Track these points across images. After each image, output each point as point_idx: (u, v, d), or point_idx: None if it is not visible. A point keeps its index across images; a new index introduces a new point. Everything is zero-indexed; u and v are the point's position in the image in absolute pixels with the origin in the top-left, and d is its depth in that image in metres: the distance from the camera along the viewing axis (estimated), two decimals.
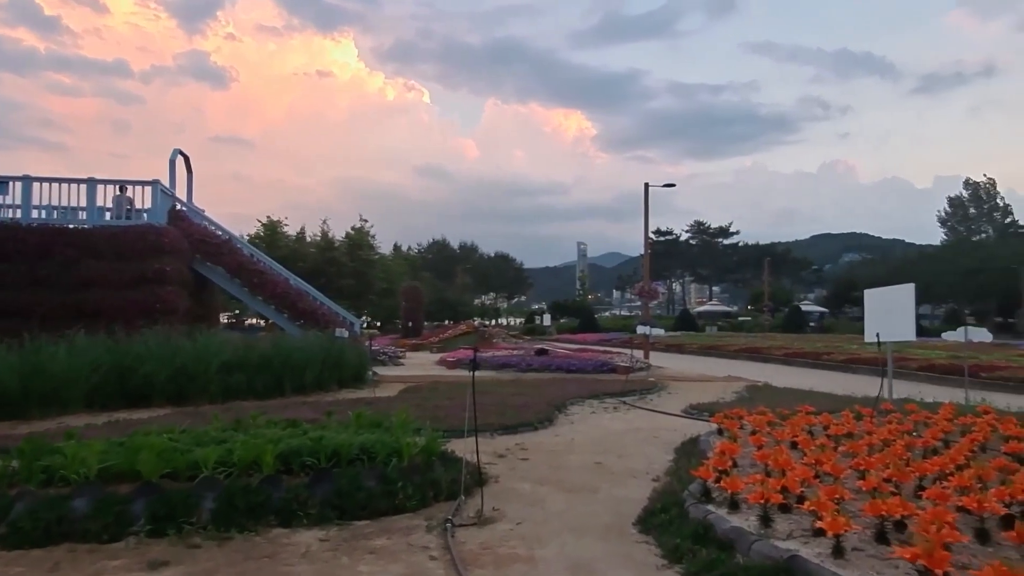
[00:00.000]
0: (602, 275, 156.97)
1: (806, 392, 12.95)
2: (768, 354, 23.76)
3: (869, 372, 18.27)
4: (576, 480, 5.68)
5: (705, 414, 9.50)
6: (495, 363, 18.48)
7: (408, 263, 72.86)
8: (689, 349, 28.92)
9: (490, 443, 7.31)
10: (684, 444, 6.95)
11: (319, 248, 54.19)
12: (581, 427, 8.56)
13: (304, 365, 11.49)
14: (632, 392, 12.22)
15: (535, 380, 14.42)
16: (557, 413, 9.50)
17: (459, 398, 10.84)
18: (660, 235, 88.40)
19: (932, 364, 16.71)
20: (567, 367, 17.55)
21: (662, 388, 13.73)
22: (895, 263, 77.62)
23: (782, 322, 52.80)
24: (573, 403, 10.81)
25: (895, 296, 11.36)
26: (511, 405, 9.67)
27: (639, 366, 18.54)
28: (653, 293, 20.87)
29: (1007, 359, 18.82)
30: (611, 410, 10.25)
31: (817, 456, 4.75)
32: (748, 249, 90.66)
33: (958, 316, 60.83)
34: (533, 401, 10.16)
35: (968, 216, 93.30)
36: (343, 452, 4.94)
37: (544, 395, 11.15)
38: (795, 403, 10.92)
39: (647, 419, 9.40)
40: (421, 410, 9.15)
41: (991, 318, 61.86)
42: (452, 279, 70.78)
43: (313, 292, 14.87)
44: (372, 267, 54.91)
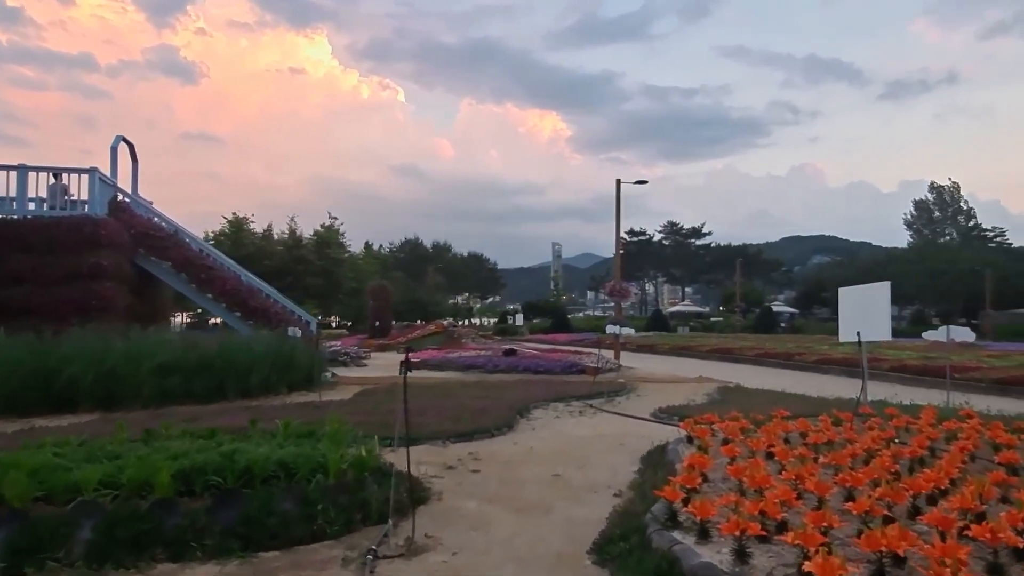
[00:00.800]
0: (576, 276, 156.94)
1: (779, 394, 12.54)
2: (740, 355, 23.44)
3: (841, 373, 18.00)
4: (529, 497, 5.06)
5: (675, 418, 8.96)
6: (461, 364, 17.84)
7: (379, 262, 71.77)
8: (661, 350, 28.53)
9: (441, 453, 6.67)
10: (651, 453, 6.38)
11: (286, 246, 52.97)
12: (543, 433, 7.96)
13: (249, 367, 10.73)
14: (600, 394, 11.67)
15: (500, 382, 13.81)
16: (519, 418, 8.89)
17: (419, 402, 10.18)
18: (633, 235, 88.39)
19: (904, 365, 16.46)
20: (534, 368, 16.97)
21: (631, 390, 13.20)
22: (863, 265, 78.45)
23: (753, 323, 52.89)
24: (537, 406, 10.21)
25: (870, 295, 10.97)
26: (470, 409, 9.03)
27: (608, 367, 18.03)
28: (624, 292, 20.39)
29: (977, 359, 18.68)
30: (576, 414, 9.67)
31: (798, 470, 4.20)
32: (720, 250, 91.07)
33: (924, 317, 61.71)
34: (494, 405, 9.54)
35: (933, 219, 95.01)
36: (257, 469, 4.26)
37: (507, 398, 10.54)
38: (768, 405, 10.49)
39: (614, 424, 8.83)
40: (371, 416, 8.49)
41: (955, 319, 62.84)
42: (424, 278, 69.83)
43: (267, 289, 14.06)
44: (341, 266, 53.84)
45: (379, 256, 76.41)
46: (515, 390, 11.93)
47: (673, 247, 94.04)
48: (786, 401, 10.90)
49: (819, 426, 6.38)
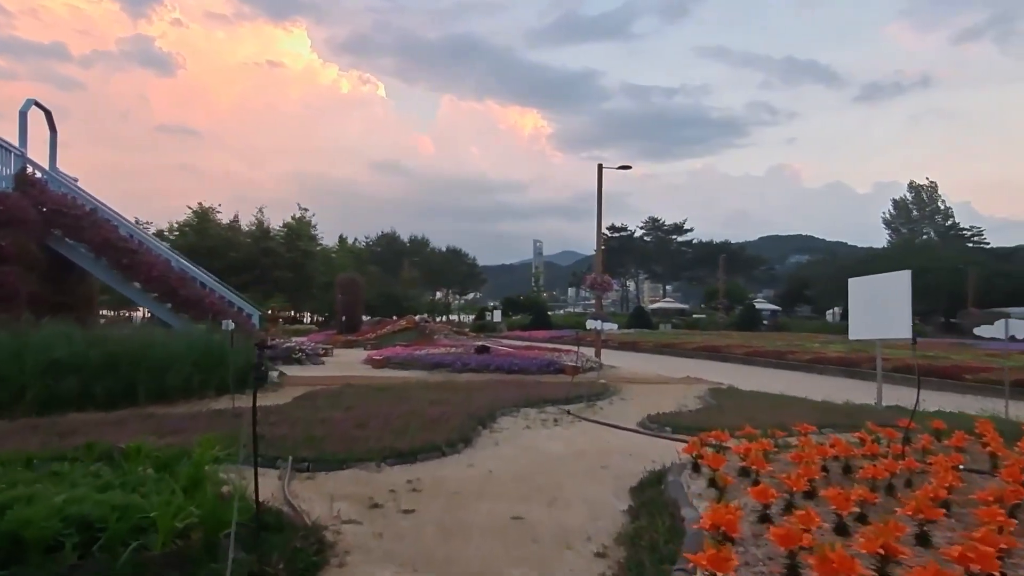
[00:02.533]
0: (558, 273, 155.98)
1: (778, 397, 11.16)
2: (727, 353, 22.14)
3: (838, 373, 16.72)
4: (474, 560, 3.53)
5: (666, 428, 7.50)
6: (428, 362, 16.28)
7: (354, 256, 69.81)
8: (644, 347, 27.19)
9: (370, 482, 5.12)
10: (644, 483, 4.88)
11: (254, 238, 50.96)
12: (507, 450, 6.43)
13: (167, 365, 9.08)
14: (579, 398, 10.18)
15: (468, 383, 12.28)
16: (481, 429, 7.36)
17: (365, 407, 8.63)
18: (615, 231, 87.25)
19: (908, 364, 15.17)
20: (508, 367, 15.45)
21: (614, 392, 11.75)
22: (845, 262, 78.05)
23: (736, 320, 51.87)
24: (505, 413, 8.70)
25: (887, 286, 9.61)
26: (423, 418, 7.49)
27: (589, 366, 16.57)
28: (606, 285, 18.95)
29: (979, 359, 17.51)
30: (551, 423, 8.16)
31: (877, 534, 2.72)
32: (702, 247, 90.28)
33: None
34: (454, 412, 8.01)
35: (911, 218, 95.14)
36: (30, 533, 2.68)
37: (471, 403, 9.02)
38: (771, 411, 9.08)
39: (595, 436, 7.34)
40: (304, 426, 6.94)
41: (936, 318, 62.44)
42: (399, 273, 68.03)
43: (203, 277, 12.36)
44: (312, 259, 51.95)
45: (354, 250, 74.41)
46: (482, 393, 10.41)
47: (655, 244, 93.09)
48: (791, 407, 9.50)
49: (861, 447, 4.93)
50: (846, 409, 9.27)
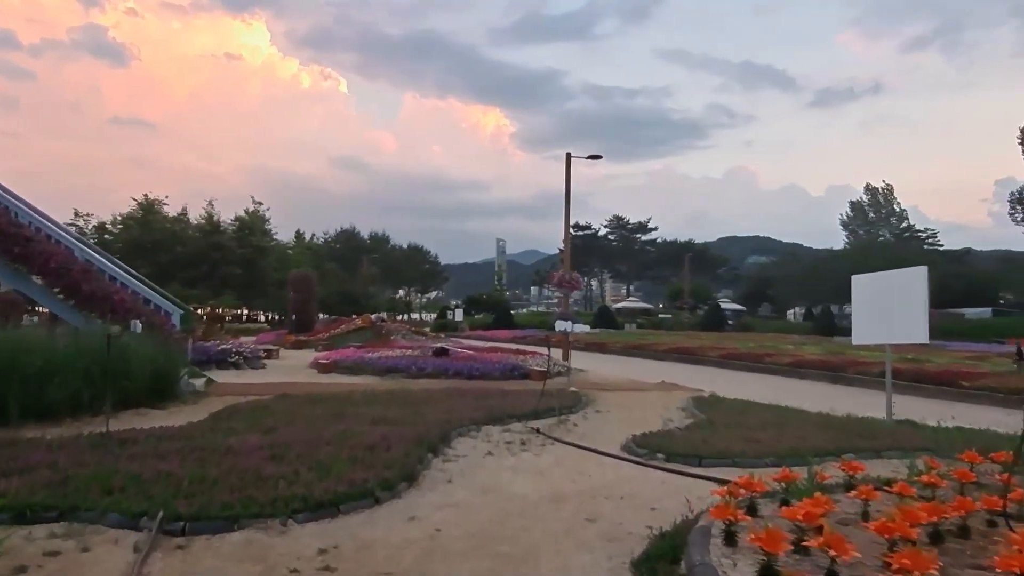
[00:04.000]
0: (521, 272, 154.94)
1: (768, 408, 9.94)
2: (701, 355, 21.05)
3: (820, 378, 15.71)
4: None
5: (660, 456, 6.16)
6: (380, 366, 14.75)
7: (311, 252, 67.38)
8: (612, 348, 26.03)
9: (269, 551, 3.63)
10: (652, 555, 3.49)
11: (203, 232, 48.36)
12: (462, 492, 4.99)
13: (48, 376, 7.39)
14: (550, 411, 8.80)
15: (423, 391, 10.80)
16: (431, 458, 5.91)
17: (290, 428, 7.09)
18: (579, 230, 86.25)
19: (897, 369, 14.17)
20: (468, 372, 14.02)
21: (588, 402, 10.41)
22: (808, 262, 78.58)
23: (701, 320, 51.32)
24: (463, 433, 7.27)
25: (899, 283, 8.44)
26: (361, 444, 6.00)
27: (557, 370, 15.24)
28: (574, 283, 17.65)
29: (960, 362, 16.72)
30: (517, 447, 6.74)
31: None
32: (666, 246, 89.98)
33: None
34: (400, 433, 6.55)
35: (868, 220, 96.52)
36: None
37: (422, 420, 7.57)
38: (773, 431, 7.80)
39: (573, 466, 5.95)
40: (201, 459, 5.40)
41: None
42: (358, 270, 65.89)
43: (114, 271, 10.58)
44: (265, 255, 49.55)
45: (312, 246, 71.91)
46: (437, 406, 8.95)
47: (618, 242, 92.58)
48: (790, 422, 8.26)
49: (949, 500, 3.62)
50: (854, 425, 8.08)
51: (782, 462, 5.85)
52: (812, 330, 47.59)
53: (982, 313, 60.00)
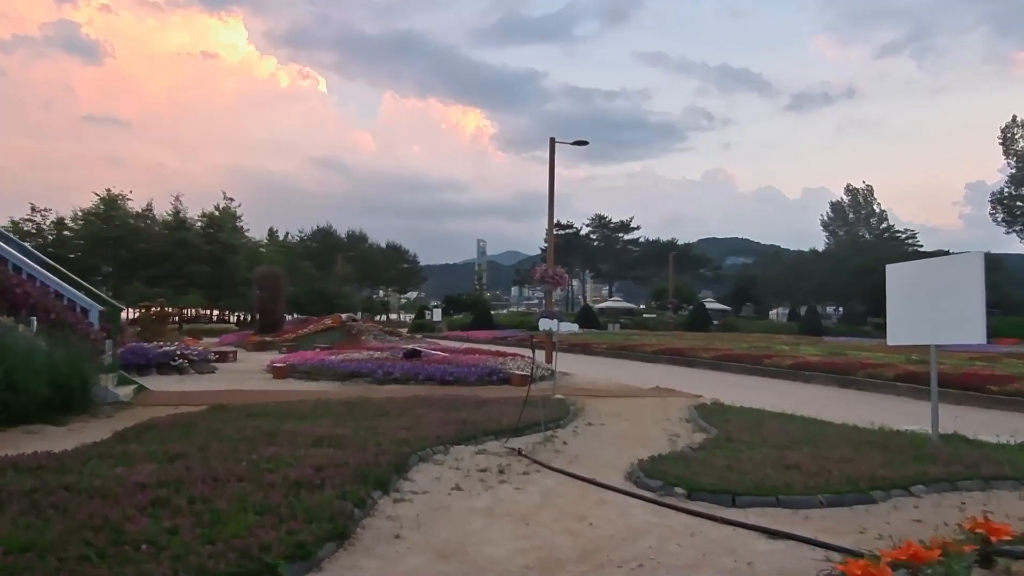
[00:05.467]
0: (501, 273, 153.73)
1: (788, 419, 8.58)
2: (693, 357, 19.71)
3: (829, 381, 14.42)
4: None
5: (678, 490, 4.71)
6: (343, 370, 13.22)
7: (285, 250, 65.40)
8: (597, 349, 24.65)
9: None
10: None
11: (169, 228, 46.25)
12: (411, 560, 3.48)
13: None
14: (533, 426, 7.34)
15: (386, 400, 9.29)
16: (377, 498, 4.43)
17: (203, 455, 5.56)
18: (561, 229, 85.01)
19: (914, 372, 12.95)
20: (441, 376, 12.54)
21: (577, 413, 8.98)
22: (790, 263, 78.11)
23: (686, 320, 50.23)
24: (425, 457, 5.79)
25: (948, 272, 7.10)
26: (283, 479, 4.51)
27: (541, 373, 13.81)
28: (559, 278, 16.19)
29: (971, 364, 15.55)
30: (494, 477, 5.27)
31: None
32: (648, 245, 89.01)
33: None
34: (343, 460, 5.07)
35: (848, 220, 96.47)
36: None
37: (376, 439, 6.08)
38: (808, 455, 6.37)
39: (567, 508, 4.50)
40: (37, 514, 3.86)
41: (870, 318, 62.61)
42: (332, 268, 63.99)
43: (17, 259, 8.93)
44: (235, 252, 47.52)
45: (286, 244, 69.88)
46: (398, 419, 7.45)
47: (601, 242, 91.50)
48: (823, 438, 6.86)
49: None
50: (897, 442, 6.71)
51: (842, 500, 4.45)
52: (799, 330, 46.74)
53: None
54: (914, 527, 4.00)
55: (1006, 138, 64.14)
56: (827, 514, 4.24)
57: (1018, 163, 62.71)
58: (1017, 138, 63.47)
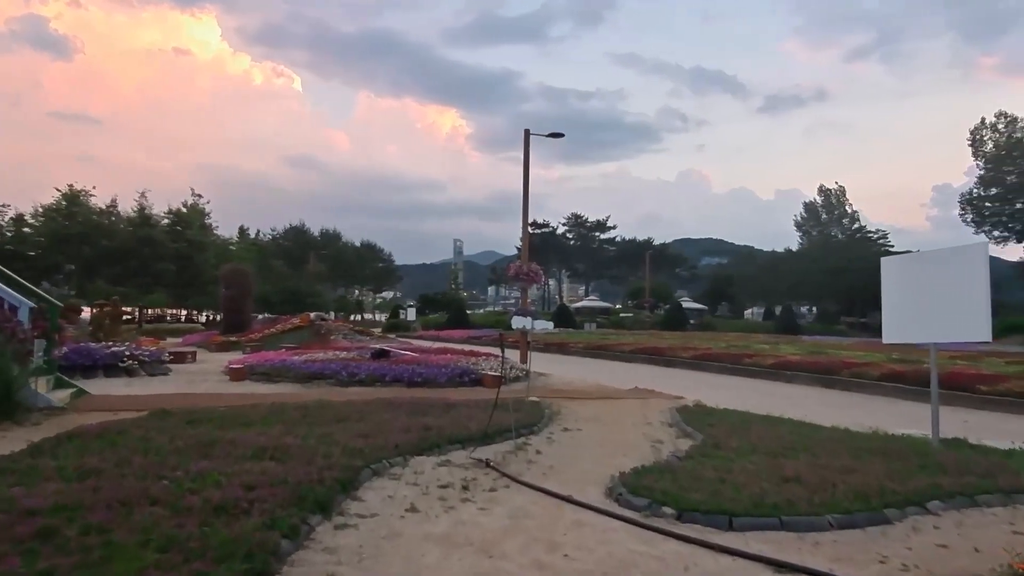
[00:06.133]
0: (478, 273, 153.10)
1: (774, 420, 8.09)
2: (671, 356, 19.23)
3: (812, 381, 13.99)
4: None
5: (665, 510, 4.11)
6: (305, 372, 12.46)
7: (257, 249, 63.98)
8: (573, 349, 24.09)
9: None
10: None
11: (134, 225, 44.74)
12: None
13: None
14: (504, 432, 6.71)
15: (346, 404, 8.58)
16: (314, 525, 3.76)
17: (123, 468, 4.84)
18: (537, 227, 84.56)
19: (898, 372, 12.57)
20: (409, 377, 11.85)
21: (552, 416, 8.37)
22: (765, 262, 78.50)
23: (663, 319, 49.99)
24: (380, 471, 5.13)
25: (950, 265, 6.63)
26: (206, 501, 3.83)
27: (515, 374, 13.20)
28: (534, 275, 15.62)
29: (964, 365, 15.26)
30: (456, 494, 4.63)
31: None
32: (625, 244, 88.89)
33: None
34: (280, 477, 4.40)
35: (821, 221, 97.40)
36: None
37: (327, 449, 5.41)
38: (804, 462, 5.84)
39: (540, 534, 3.87)
40: None
41: (844, 317, 63.14)
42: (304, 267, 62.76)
43: None
44: (203, 250, 46.13)
45: (257, 242, 68.39)
46: (356, 426, 6.77)
47: (577, 240, 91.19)
48: (819, 444, 6.33)
49: None
50: (898, 448, 6.20)
51: (854, 521, 3.88)
52: (775, 329, 46.75)
53: None
54: (940, 555, 3.45)
55: (975, 140, 64.99)
56: (839, 538, 3.67)
57: (987, 165, 63.58)
58: (986, 140, 64.37)
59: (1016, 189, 61.25)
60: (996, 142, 63.06)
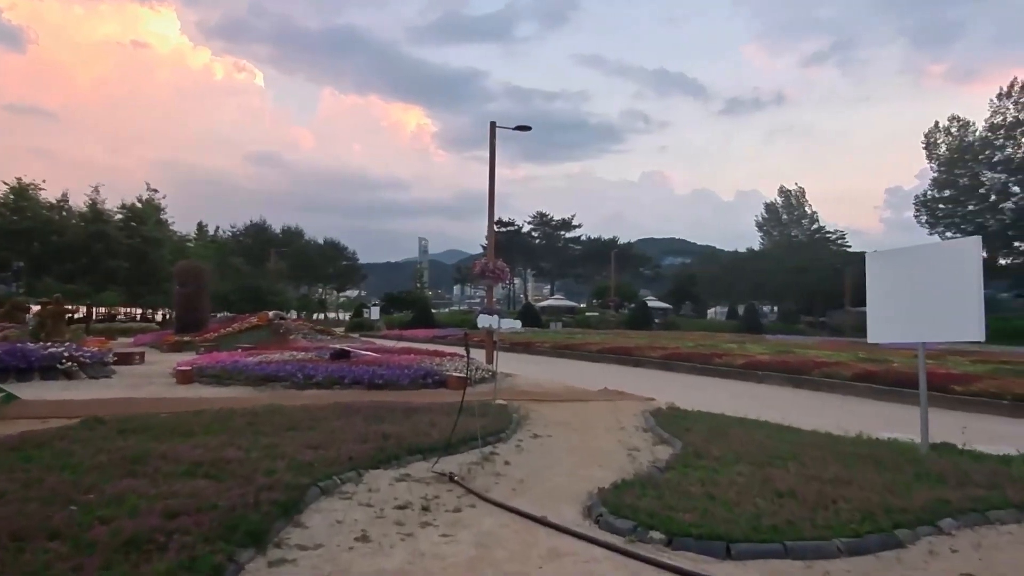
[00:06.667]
0: (443, 272, 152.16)
1: (752, 423, 7.75)
2: (640, 356, 18.90)
3: (783, 381, 13.77)
4: None
5: (652, 536, 3.64)
6: (260, 373, 11.76)
7: (216, 246, 62.14)
8: (540, 349, 23.65)
9: None
10: None
11: (86, 220, 42.92)
12: None
13: None
14: (469, 440, 6.19)
15: (300, 409, 7.96)
16: (245, 560, 3.19)
17: (30, 490, 4.18)
18: (502, 226, 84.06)
19: (870, 372, 12.39)
20: (369, 379, 11.24)
21: (520, 421, 7.89)
22: (728, 262, 79.31)
23: (628, 318, 49.96)
24: (330, 489, 4.56)
25: (940, 261, 6.31)
26: (115, 534, 3.22)
27: (481, 375, 12.67)
28: (499, 272, 15.11)
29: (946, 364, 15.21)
30: (415, 517, 4.09)
31: None
32: (590, 243, 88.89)
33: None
34: (216, 496, 3.82)
35: (781, 221, 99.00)
36: None
37: (273, 463, 4.83)
38: (780, 459, 5.50)
39: (511, 566, 3.36)
40: None
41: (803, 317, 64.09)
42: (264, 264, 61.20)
43: None
44: (158, 247, 44.50)
45: (216, 240, 66.44)
46: (307, 435, 6.17)
47: (542, 239, 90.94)
48: (801, 449, 5.94)
49: None
50: (888, 454, 5.86)
51: (865, 545, 3.45)
52: (738, 328, 47.07)
53: None
54: None
55: (929, 143, 66.52)
56: (852, 567, 3.24)
57: (940, 167, 65.13)
58: (939, 143, 65.92)
59: (968, 191, 62.89)
60: (949, 145, 64.62)
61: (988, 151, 61.55)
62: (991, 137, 61.20)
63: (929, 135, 66.50)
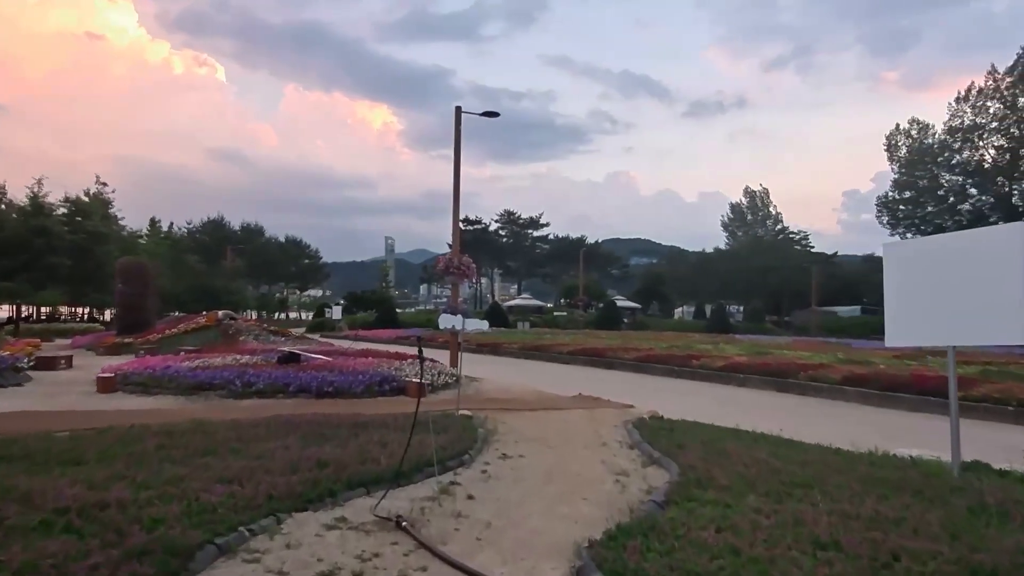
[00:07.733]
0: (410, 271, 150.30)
1: (749, 437, 6.84)
2: (613, 358, 17.98)
3: (766, 385, 12.96)
4: None
5: None
6: (191, 381, 10.45)
7: (169, 243, 59.62)
8: (508, 350, 22.61)
9: None
10: None
11: (25, 214, 40.42)
12: None
13: None
14: (424, 467, 5.11)
15: (232, 424, 6.79)
16: None
17: None
18: (469, 224, 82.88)
19: (859, 375, 11.63)
20: (319, 386, 10.06)
21: (487, 437, 6.85)
22: (695, 262, 79.37)
23: (596, 318, 49.28)
24: (233, 547, 3.43)
25: (978, 251, 5.45)
26: None
27: (443, 380, 11.59)
28: (465, 269, 14.03)
29: (912, 366, 14.63)
30: None
31: None
32: (558, 243, 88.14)
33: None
34: (69, 563, 2.66)
35: (746, 222, 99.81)
36: None
37: (165, 508, 3.70)
38: (796, 486, 4.56)
39: None
40: None
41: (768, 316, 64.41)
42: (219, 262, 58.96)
43: None
44: (104, 243, 42.16)
45: (170, 236, 63.82)
46: (226, 462, 5.02)
47: (509, 238, 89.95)
48: (814, 472, 5.01)
49: None
50: (914, 478, 4.98)
51: None
52: (707, 328, 46.75)
53: (852, 311, 62.38)
54: None
55: (890, 145, 67.36)
56: None
57: (901, 169, 65.97)
58: (900, 145, 66.80)
59: (928, 192, 63.78)
60: (909, 147, 65.49)
61: (947, 154, 62.51)
62: (949, 140, 62.16)
63: (890, 137, 67.35)
